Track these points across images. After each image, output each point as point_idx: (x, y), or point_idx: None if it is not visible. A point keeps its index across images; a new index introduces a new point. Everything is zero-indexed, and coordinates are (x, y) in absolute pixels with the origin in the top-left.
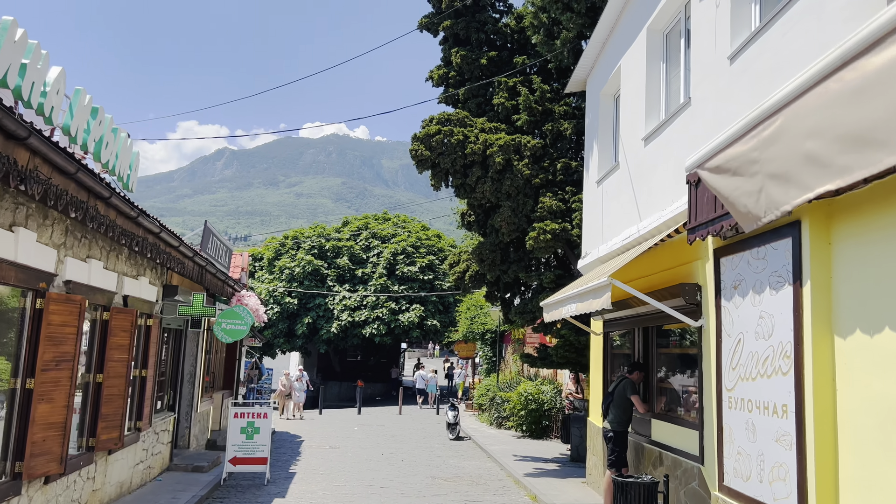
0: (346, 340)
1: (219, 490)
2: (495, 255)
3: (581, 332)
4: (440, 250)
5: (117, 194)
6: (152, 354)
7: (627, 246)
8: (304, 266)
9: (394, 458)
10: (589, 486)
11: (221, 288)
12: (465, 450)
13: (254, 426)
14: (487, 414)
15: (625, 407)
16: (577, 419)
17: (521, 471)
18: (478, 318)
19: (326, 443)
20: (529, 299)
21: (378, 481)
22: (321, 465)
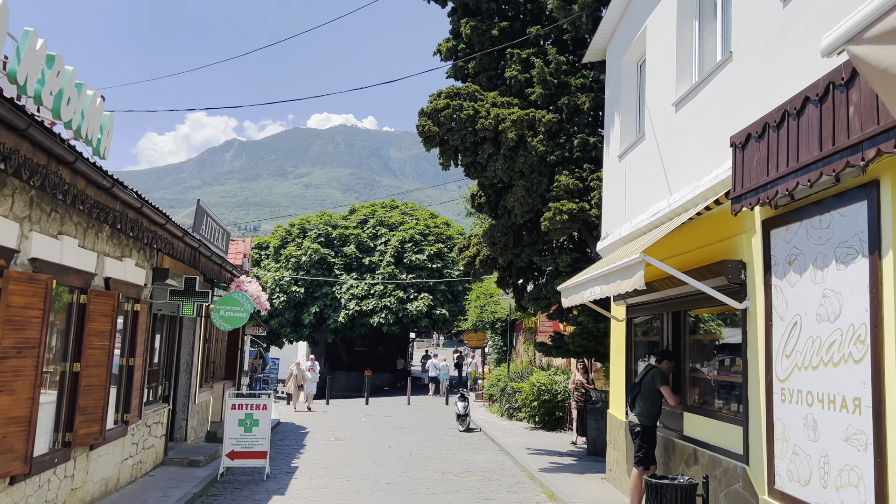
0: (354, 330)
1: (214, 486)
2: (507, 238)
3: (600, 319)
4: (449, 238)
5: (85, 160)
6: (140, 342)
7: (655, 223)
8: (311, 254)
9: (401, 451)
10: (610, 482)
11: (219, 273)
12: (475, 442)
13: (252, 418)
14: (498, 405)
15: (654, 399)
16: (594, 411)
17: (535, 465)
18: (488, 307)
19: (332, 434)
20: (544, 285)
21: (384, 476)
22: (325, 459)
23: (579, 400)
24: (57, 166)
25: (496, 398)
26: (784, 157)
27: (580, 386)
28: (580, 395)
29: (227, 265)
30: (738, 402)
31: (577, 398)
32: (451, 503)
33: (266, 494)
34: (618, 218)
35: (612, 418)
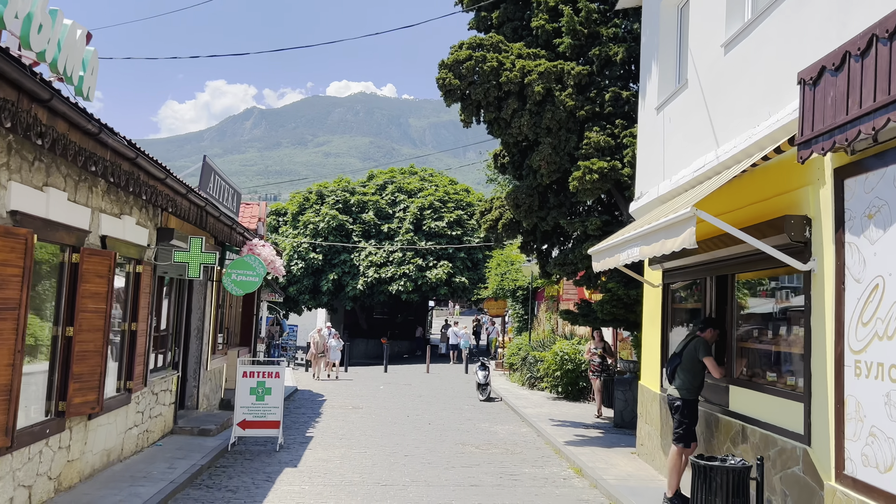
0: (373, 297)
1: (224, 457)
2: (532, 199)
3: (631, 286)
4: (469, 205)
5: (65, 99)
6: (143, 306)
7: (699, 179)
8: (329, 221)
9: (420, 421)
10: (640, 457)
11: (229, 235)
12: (496, 412)
13: (265, 386)
14: (519, 374)
15: (696, 371)
16: (622, 382)
17: (560, 438)
18: (509, 275)
19: (349, 403)
20: (570, 249)
21: (402, 448)
22: (341, 429)
23: (596, 370)
24: (30, 104)
25: (517, 367)
26: (870, 91)
27: (595, 355)
28: (596, 366)
29: (238, 227)
30: (797, 376)
31: (594, 368)
32: (472, 479)
33: (278, 466)
34: (654, 176)
35: (643, 390)
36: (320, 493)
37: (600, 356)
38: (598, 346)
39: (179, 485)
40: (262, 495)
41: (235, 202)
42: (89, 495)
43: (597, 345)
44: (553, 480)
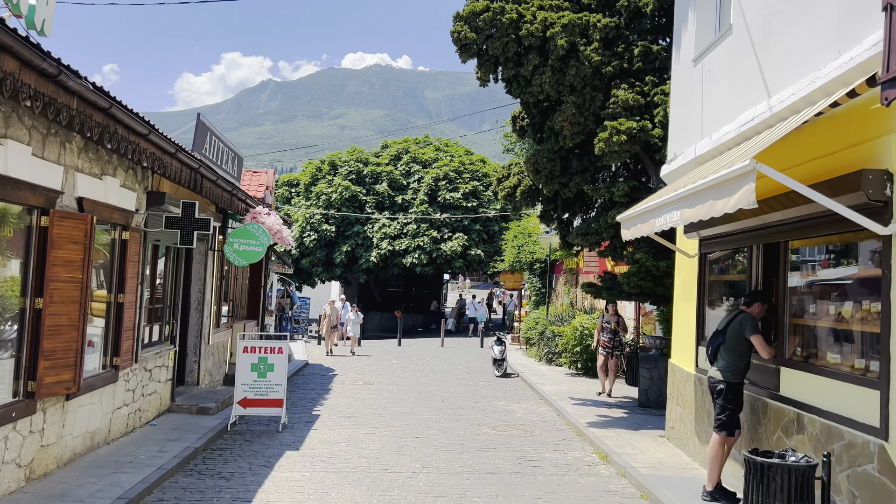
0: (387, 270)
1: (222, 438)
2: (554, 164)
3: (661, 257)
4: (485, 176)
5: (9, 29)
6: (131, 276)
7: (747, 134)
8: (342, 192)
9: (433, 398)
10: (670, 441)
11: (229, 201)
12: (513, 389)
13: (266, 363)
14: (536, 349)
15: (741, 350)
16: (647, 359)
17: (581, 418)
18: (526, 247)
19: (360, 378)
20: (594, 218)
21: (413, 428)
22: (350, 406)
23: (606, 346)
24: None
25: (534, 342)
26: None
27: (607, 330)
28: (607, 341)
29: (240, 193)
30: (867, 358)
31: (605, 343)
32: (488, 464)
33: (278, 449)
34: (691, 135)
35: (674, 369)
36: (321, 482)
37: (612, 331)
38: (610, 321)
39: (168, 471)
40: (257, 483)
41: (236, 167)
42: (65, 484)
43: (609, 318)
44: (576, 467)
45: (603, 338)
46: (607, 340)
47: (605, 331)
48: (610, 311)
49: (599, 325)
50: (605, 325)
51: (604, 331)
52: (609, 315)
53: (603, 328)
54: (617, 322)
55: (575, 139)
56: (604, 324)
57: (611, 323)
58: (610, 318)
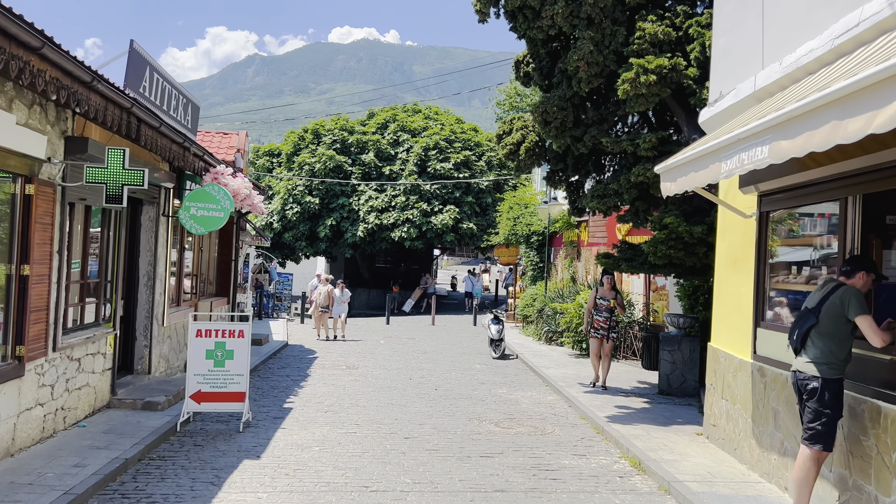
0: (374, 245)
1: (168, 442)
2: (566, 114)
3: (694, 221)
4: (477, 145)
5: None
6: (40, 242)
7: (841, 50)
8: (326, 162)
9: (425, 385)
10: (712, 442)
11: (181, 156)
12: (514, 373)
13: (224, 349)
14: (534, 327)
15: (842, 336)
16: (669, 340)
17: (598, 410)
18: (522, 219)
19: (344, 361)
20: (613, 177)
21: (402, 425)
22: (329, 396)
23: (601, 328)
24: None
25: (532, 319)
26: None
27: (603, 308)
28: (602, 321)
29: (194, 147)
30: None
31: (598, 324)
32: (496, 478)
33: (234, 457)
34: (744, 67)
35: (718, 355)
36: None
37: (609, 309)
38: (606, 297)
39: (76, 497)
40: None
41: (191, 116)
42: None
43: (605, 293)
44: (606, 479)
45: (597, 317)
46: (603, 321)
47: (599, 309)
48: (605, 285)
49: (591, 301)
50: (599, 302)
51: (597, 309)
52: (604, 289)
53: (597, 306)
54: (614, 298)
55: (592, 83)
56: (598, 300)
57: (607, 299)
58: (606, 293)
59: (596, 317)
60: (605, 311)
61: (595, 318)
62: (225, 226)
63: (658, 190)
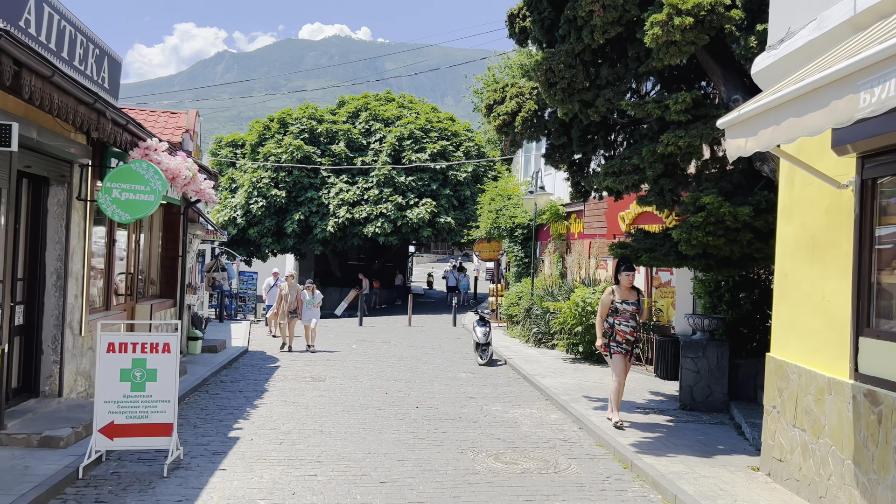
0: (346, 241)
1: (61, 496)
2: (575, 72)
3: (737, 201)
4: (454, 135)
5: None
6: None
7: None
8: (293, 152)
9: (404, 402)
10: (778, 482)
11: (96, 123)
12: (505, 383)
13: (145, 367)
14: (521, 328)
15: None
16: (692, 345)
17: (617, 434)
18: (505, 211)
19: (309, 371)
20: (633, 149)
21: (376, 463)
22: (288, 420)
23: (625, 342)
24: None
25: (518, 320)
26: None
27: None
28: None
29: (110, 110)
30: None
31: (624, 337)
32: None
33: None
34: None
35: (786, 371)
36: None
37: (631, 316)
38: (627, 300)
39: None
40: None
41: (108, 73)
42: None
43: (625, 296)
44: None
45: (620, 328)
46: (627, 332)
47: (620, 316)
48: (624, 283)
49: (606, 306)
50: (620, 308)
51: (618, 316)
52: (623, 291)
53: (617, 312)
54: (638, 301)
55: (608, 32)
56: (618, 305)
57: (630, 303)
58: (627, 293)
59: (619, 327)
60: (629, 317)
61: (618, 328)
62: (171, 216)
63: (691, 161)
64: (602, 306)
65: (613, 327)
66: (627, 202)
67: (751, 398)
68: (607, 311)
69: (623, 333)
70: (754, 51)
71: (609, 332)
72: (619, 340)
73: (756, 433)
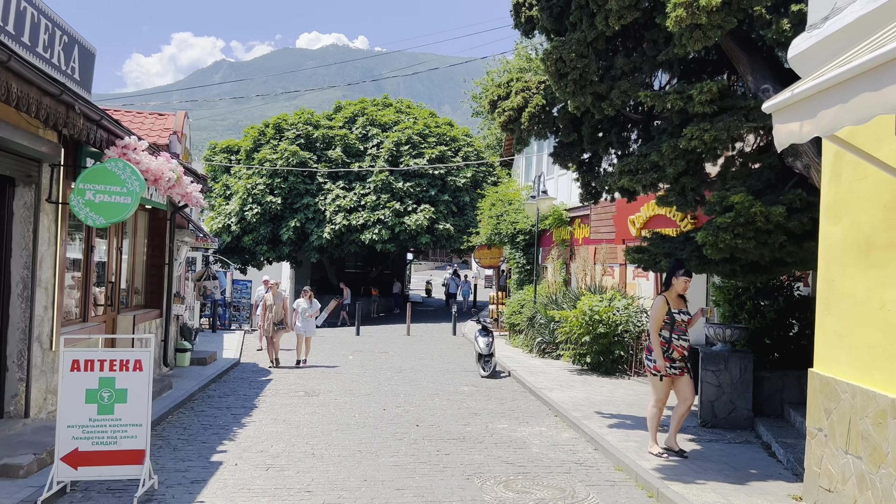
0: (342, 248)
1: None
2: (587, 62)
3: (768, 201)
4: (453, 140)
5: None
6: None
7: None
8: (289, 158)
9: (402, 420)
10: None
11: (64, 117)
12: (510, 397)
13: (113, 387)
14: (523, 337)
15: None
16: (713, 357)
17: (637, 456)
18: (506, 216)
19: (302, 384)
20: (652, 145)
21: (372, 493)
22: (277, 441)
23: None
24: None
25: (521, 329)
26: None
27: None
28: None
29: (80, 103)
30: None
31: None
32: None
33: None
34: None
35: (838, 389)
36: None
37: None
38: (679, 310)
39: None
40: None
41: (78, 63)
42: None
43: (679, 304)
44: None
45: (678, 343)
46: (684, 348)
47: (676, 329)
48: (679, 291)
49: (660, 317)
50: (677, 317)
51: (673, 328)
52: (675, 300)
53: (673, 323)
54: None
55: (625, 17)
56: (675, 315)
57: (684, 314)
58: (677, 303)
59: (676, 342)
60: (683, 329)
61: (674, 343)
62: (157, 222)
63: (716, 156)
64: (655, 318)
65: (670, 342)
66: (637, 205)
67: (777, 414)
68: (661, 322)
69: (680, 349)
70: (787, 34)
71: (665, 349)
72: (674, 358)
73: (790, 455)
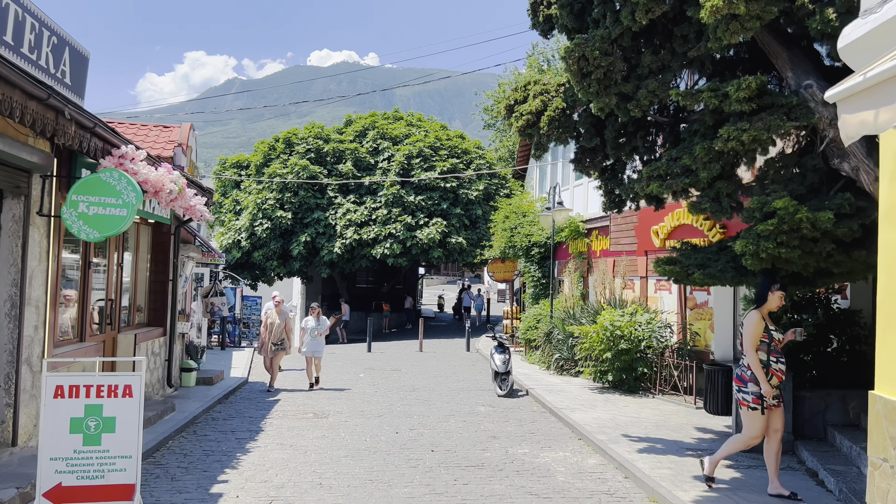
0: (353, 263)
1: None
2: (612, 60)
3: (813, 206)
4: (465, 152)
5: None
6: None
7: None
8: (299, 172)
9: (416, 445)
10: None
11: (53, 123)
12: (530, 418)
13: (101, 415)
14: (540, 353)
15: None
16: None
17: (673, 486)
18: (520, 229)
19: (311, 405)
20: (684, 148)
21: None
22: (283, 469)
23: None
24: None
25: (537, 344)
26: None
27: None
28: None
29: (70, 108)
30: None
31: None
32: None
33: None
34: None
35: None
36: None
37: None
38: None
39: None
40: None
41: (69, 67)
42: None
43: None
44: None
45: (777, 367)
46: (782, 372)
47: (773, 351)
48: (770, 307)
49: (757, 336)
50: (775, 335)
51: (770, 349)
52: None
53: (770, 342)
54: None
55: (652, 11)
56: (773, 333)
57: (778, 333)
58: (769, 322)
59: (775, 366)
60: (780, 350)
61: (773, 367)
62: (160, 236)
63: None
64: (752, 336)
65: (768, 366)
66: (661, 215)
67: (819, 437)
68: (758, 342)
69: (780, 374)
70: (833, 23)
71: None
72: (773, 385)
73: (843, 485)
